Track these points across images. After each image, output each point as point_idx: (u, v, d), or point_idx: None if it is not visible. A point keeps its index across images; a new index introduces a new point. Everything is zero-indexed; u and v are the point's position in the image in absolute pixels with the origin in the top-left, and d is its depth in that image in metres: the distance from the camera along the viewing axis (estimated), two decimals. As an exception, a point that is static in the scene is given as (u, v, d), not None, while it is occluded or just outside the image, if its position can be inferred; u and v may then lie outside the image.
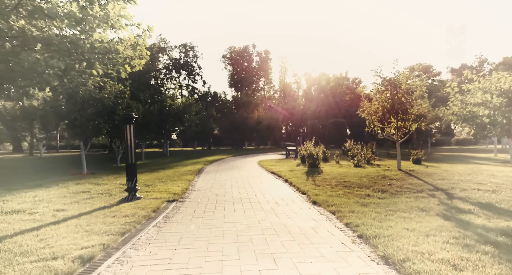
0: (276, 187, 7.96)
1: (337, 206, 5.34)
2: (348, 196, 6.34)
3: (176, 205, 5.79)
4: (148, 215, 4.83)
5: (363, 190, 6.93)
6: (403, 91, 9.44)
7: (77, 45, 10.21)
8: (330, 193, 6.68)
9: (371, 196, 6.33)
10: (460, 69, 54.83)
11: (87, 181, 9.13)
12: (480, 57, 56.48)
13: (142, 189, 7.54)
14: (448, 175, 8.59)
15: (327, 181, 8.27)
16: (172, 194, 6.72)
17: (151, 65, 43.56)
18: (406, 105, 9.42)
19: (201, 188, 7.89)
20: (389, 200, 5.89)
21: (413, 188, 6.94)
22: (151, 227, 4.24)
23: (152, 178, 9.76)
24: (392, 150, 28.48)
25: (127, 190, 6.25)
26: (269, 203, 5.95)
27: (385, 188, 7.11)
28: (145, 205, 5.57)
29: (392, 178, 8.42)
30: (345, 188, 7.22)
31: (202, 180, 9.36)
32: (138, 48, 11.45)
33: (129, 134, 6.31)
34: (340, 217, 4.60)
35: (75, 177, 10.48)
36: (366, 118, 10.18)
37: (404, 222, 4.11)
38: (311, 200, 6.05)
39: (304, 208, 5.45)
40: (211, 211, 5.29)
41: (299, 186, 7.56)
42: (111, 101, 11.24)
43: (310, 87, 54.43)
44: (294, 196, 6.63)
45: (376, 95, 9.74)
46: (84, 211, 5.13)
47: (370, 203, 5.59)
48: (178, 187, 7.76)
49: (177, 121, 21.85)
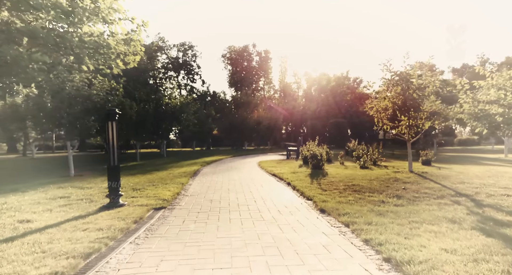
0: (278, 191, 7.21)
1: (350, 215, 4.59)
2: (360, 202, 5.59)
3: (164, 214, 5.03)
4: (127, 228, 4.06)
5: (376, 195, 6.17)
6: (414, 86, 8.69)
7: (65, 39, 9.49)
8: (339, 199, 5.92)
9: (386, 202, 5.57)
10: (462, 69, 54.17)
11: (71, 184, 8.37)
12: (482, 57, 55.82)
13: (128, 193, 6.79)
14: (466, 178, 7.84)
15: (334, 185, 7.51)
16: (161, 200, 5.96)
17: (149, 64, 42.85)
18: (418, 102, 8.66)
19: (195, 192, 7.12)
20: (407, 207, 5.13)
21: (432, 193, 6.18)
22: (127, 244, 3.48)
23: (143, 180, 9.00)
24: (397, 150, 27.75)
25: (109, 196, 5.49)
26: (271, 211, 5.19)
27: (399, 192, 6.35)
28: (127, 214, 4.81)
29: (405, 181, 7.66)
30: (355, 193, 6.46)
31: (197, 183, 8.60)
32: (132, 44, 10.72)
33: (112, 132, 5.56)
34: (356, 230, 3.85)
35: (59, 179, 9.72)
36: (375, 116, 9.43)
37: (437, 239, 3.36)
38: (319, 208, 5.29)
39: (311, 218, 4.70)
40: (203, 221, 4.53)
41: (303, 191, 6.80)
42: (100, 98, 10.47)
43: (310, 87, 53.69)
44: (298, 203, 5.87)
45: (385, 91, 8.98)
46: (53, 222, 4.37)
47: (387, 211, 4.83)
48: (169, 191, 7.00)
49: (174, 120, 21.07)
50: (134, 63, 11.15)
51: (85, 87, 10.76)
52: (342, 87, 50.76)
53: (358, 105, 48.23)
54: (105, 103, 10.78)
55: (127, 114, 14.64)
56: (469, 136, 52.03)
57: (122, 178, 9.99)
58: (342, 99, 49.33)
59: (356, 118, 45.60)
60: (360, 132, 43.45)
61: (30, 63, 7.89)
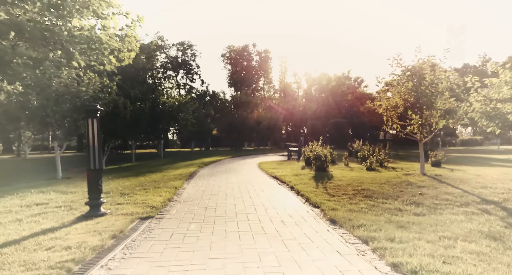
0: (280, 196, 6.53)
1: (366, 228, 3.92)
2: (374, 210, 4.92)
3: (150, 225, 4.36)
4: (102, 245, 3.39)
5: (390, 202, 5.50)
6: (427, 82, 8.03)
7: (53, 33, 8.81)
8: (349, 206, 5.25)
9: (404, 210, 4.91)
10: (463, 69, 53.47)
11: (54, 188, 7.69)
12: (483, 56, 55.22)
13: (115, 199, 6.11)
14: (487, 182, 7.17)
15: (341, 189, 6.84)
16: (149, 208, 5.29)
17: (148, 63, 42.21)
18: (432, 99, 8.00)
19: (189, 198, 6.45)
20: (430, 217, 4.46)
21: (454, 200, 5.51)
22: (95, 269, 2.80)
23: (134, 184, 8.32)
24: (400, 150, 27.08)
25: (89, 204, 4.81)
26: (273, 221, 4.52)
27: (416, 199, 5.68)
28: (107, 225, 4.14)
29: (420, 185, 6.99)
30: (366, 199, 5.79)
31: (192, 187, 7.92)
32: (127, 40, 10.09)
33: (92, 131, 4.88)
34: (377, 249, 3.18)
35: (44, 182, 9.04)
36: (384, 114, 8.76)
37: (485, 264, 2.68)
38: (328, 217, 4.62)
39: (320, 231, 4.02)
40: (194, 236, 3.85)
41: (308, 196, 6.13)
42: (89, 95, 9.79)
43: (310, 87, 52.99)
44: (304, 211, 5.20)
45: (396, 88, 8.30)
46: (16, 237, 3.70)
47: (408, 223, 4.16)
48: (160, 196, 6.33)
49: (171, 120, 20.38)
50: (129, 60, 10.49)
51: (74, 84, 10.09)
52: (343, 87, 50.11)
53: (358, 105, 47.66)
54: (95, 101, 10.10)
55: (120, 113, 13.98)
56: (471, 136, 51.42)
57: (112, 181, 9.33)
58: (343, 99, 48.69)
59: (356, 118, 45.00)
60: (361, 133, 42.83)
61: (14, 57, 7.19)
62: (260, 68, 54.98)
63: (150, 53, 45.35)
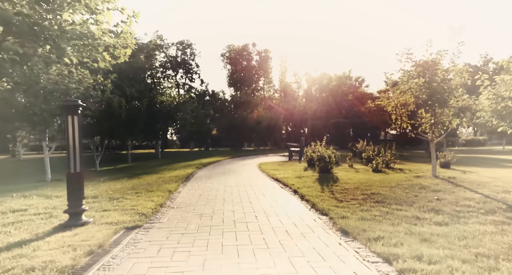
0: (283, 201, 5.98)
1: (385, 241, 3.38)
2: (390, 219, 4.38)
3: (136, 237, 3.81)
4: (73, 265, 2.84)
5: (406, 209, 4.96)
6: (439, 78, 7.49)
7: (43, 27, 8.27)
8: (361, 213, 4.71)
9: (422, 219, 4.36)
10: (464, 69, 52.86)
11: (40, 191, 7.15)
12: (485, 56, 54.67)
13: (101, 205, 5.57)
14: (507, 185, 6.63)
15: (349, 193, 6.30)
16: (138, 215, 4.75)
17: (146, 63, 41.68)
18: (445, 95, 7.46)
19: (183, 203, 5.90)
20: (455, 228, 3.92)
21: (477, 206, 4.97)
22: (58, 300, 2.26)
23: (126, 187, 7.78)
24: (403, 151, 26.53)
25: (68, 212, 4.27)
26: (276, 232, 3.97)
27: (434, 205, 5.14)
28: (85, 238, 3.60)
29: (434, 189, 6.45)
30: (378, 205, 5.25)
31: (188, 190, 7.38)
32: (122, 36, 9.55)
33: (73, 129, 4.34)
34: (404, 271, 2.63)
35: (31, 185, 8.50)
36: (392, 113, 8.22)
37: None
38: (338, 227, 4.08)
39: (332, 245, 3.48)
40: (185, 250, 3.31)
41: (314, 201, 5.59)
42: (79, 92, 9.24)
43: (310, 87, 52.44)
44: (310, 219, 4.66)
45: (406, 84, 7.76)
46: (-24, 253, 3.15)
47: (432, 235, 3.62)
48: (152, 201, 5.79)
49: (169, 119, 19.81)
50: (125, 58, 9.93)
51: (65, 81, 9.55)
52: (344, 86, 49.59)
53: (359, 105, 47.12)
54: (86, 99, 9.56)
55: (115, 112, 13.43)
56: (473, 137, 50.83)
57: (104, 183, 8.78)
58: (343, 99, 48.18)
59: (357, 118, 44.51)
60: (361, 133, 42.33)
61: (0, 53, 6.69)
62: (260, 68, 54.43)
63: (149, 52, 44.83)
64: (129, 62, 34.85)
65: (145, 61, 41.27)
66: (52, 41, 8.78)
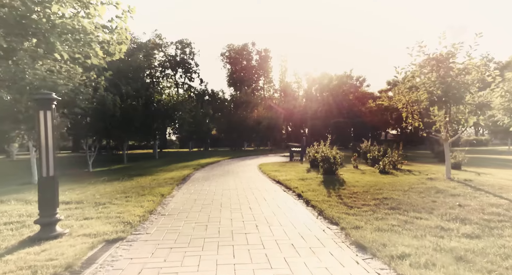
0: (287, 207, 5.40)
1: (412, 260, 2.81)
2: (410, 229, 3.80)
3: (115, 253, 3.23)
4: (28, 295, 2.26)
5: (426, 217, 4.39)
6: (454, 73, 6.92)
7: (31, 20, 7.69)
8: (376, 222, 4.13)
9: (448, 230, 3.79)
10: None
11: (20, 195, 6.58)
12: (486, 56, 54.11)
13: (84, 212, 4.99)
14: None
15: (359, 198, 5.72)
16: (123, 224, 4.18)
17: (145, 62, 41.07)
18: (461, 91, 6.88)
19: (176, 209, 5.32)
20: (490, 241, 3.35)
21: (507, 214, 4.40)
22: None
23: (116, 190, 7.20)
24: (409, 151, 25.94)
25: (39, 222, 3.69)
26: (281, 246, 3.40)
27: (457, 212, 4.57)
28: (54, 255, 3.02)
29: (452, 193, 5.87)
30: (393, 212, 4.67)
31: (182, 194, 6.80)
32: (117, 32, 8.98)
33: (45, 127, 3.76)
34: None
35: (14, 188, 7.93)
36: (403, 110, 7.64)
37: None
38: (353, 240, 3.50)
39: (348, 263, 2.91)
40: (172, 272, 2.74)
41: (321, 207, 5.02)
42: (68, 89, 8.65)
43: (311, 87, 51.84)
44: (318, 229, 4.08)
45: (419, 79, 7.18)
46: None
47: (467, 251, 3.04)
48: (141, 207, 5.21)
49: (166, 118, 19.21)
50: (120, 54, 9.40)
51: (52, 77, 8.97)
52: (345, 86, 49.04)
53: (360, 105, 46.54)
54: (76, 96, 8.98)
55: (109, 111, 12.84)
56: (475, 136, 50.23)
57: (93, 186, 8.20)
58: (344, 99, 47.63)
59: (358, 118, 43.98)
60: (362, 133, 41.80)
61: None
62: (260, 67, 53.88)
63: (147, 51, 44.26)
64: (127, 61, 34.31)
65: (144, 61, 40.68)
66: (42, 36, 8.20)
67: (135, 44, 43.68)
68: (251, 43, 53.28)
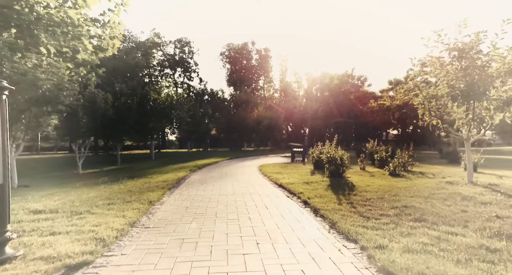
0: (292, 218, 4.64)
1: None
2: (448, 250, 3.05)
3: (73, 286, 2.48)
4: None
5: (461, 232, 3.64)
6: (480, 63, 6.18)
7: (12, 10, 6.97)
8: (402, 239, 3.39)
9: (497, 251, 3.04)
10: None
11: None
12: (489, 55, 53.32)
13: (54, 224, 4.23)
14: None
15: (375, 206, 4.98)
16: (95, 242, 3.43)
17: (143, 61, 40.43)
18: (486, 85, 6.13)
19: (163, 220, 4.56)
20: (557, 269, 2.59)
21: (560, 229, 3.64)
22: None
23: (100, 195, 6.44)
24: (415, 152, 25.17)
25: (-16, 242, 2.94)
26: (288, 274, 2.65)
27: (498, 226, 3.81)
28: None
29: (482, 200, 5.12)
30: (420, 225, 3.92)
31: (174, 200, 6.04)
32: (109, 26, 8.28)
33: (-6, 123, 3.01)
34: None
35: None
36: (420, 107, 6.90)
37: None
38: (379, 266, 2.75)
39: (381, 306, 2.15)
40: (141, 320, 1.98)
41: (333, 218, 4.27)
42: (51, 84, 7.91)
43: (311, 86, 51.06)
44: (333, 248, 3.33)
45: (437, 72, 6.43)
46: None
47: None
48: (123, 217, 4.47)
49: (163, 118, 18.46)
50: (114, 50, 8.75)
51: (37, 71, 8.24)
52: (346, 85, 48.28)
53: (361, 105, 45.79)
54: (59, 92, 8.24)
55: (100, 109, 12.09)
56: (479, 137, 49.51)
57: (75, 191, 7.44)
58: (345, 99, 46.88)
59: (359, 118, 43.28)
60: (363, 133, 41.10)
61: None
62: (260, 67, 53.15)
63: (146, 50, 43.58)
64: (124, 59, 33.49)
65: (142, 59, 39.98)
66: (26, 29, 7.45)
67: (133, 43, 42.87)
68: (251, 42, 52.61)
